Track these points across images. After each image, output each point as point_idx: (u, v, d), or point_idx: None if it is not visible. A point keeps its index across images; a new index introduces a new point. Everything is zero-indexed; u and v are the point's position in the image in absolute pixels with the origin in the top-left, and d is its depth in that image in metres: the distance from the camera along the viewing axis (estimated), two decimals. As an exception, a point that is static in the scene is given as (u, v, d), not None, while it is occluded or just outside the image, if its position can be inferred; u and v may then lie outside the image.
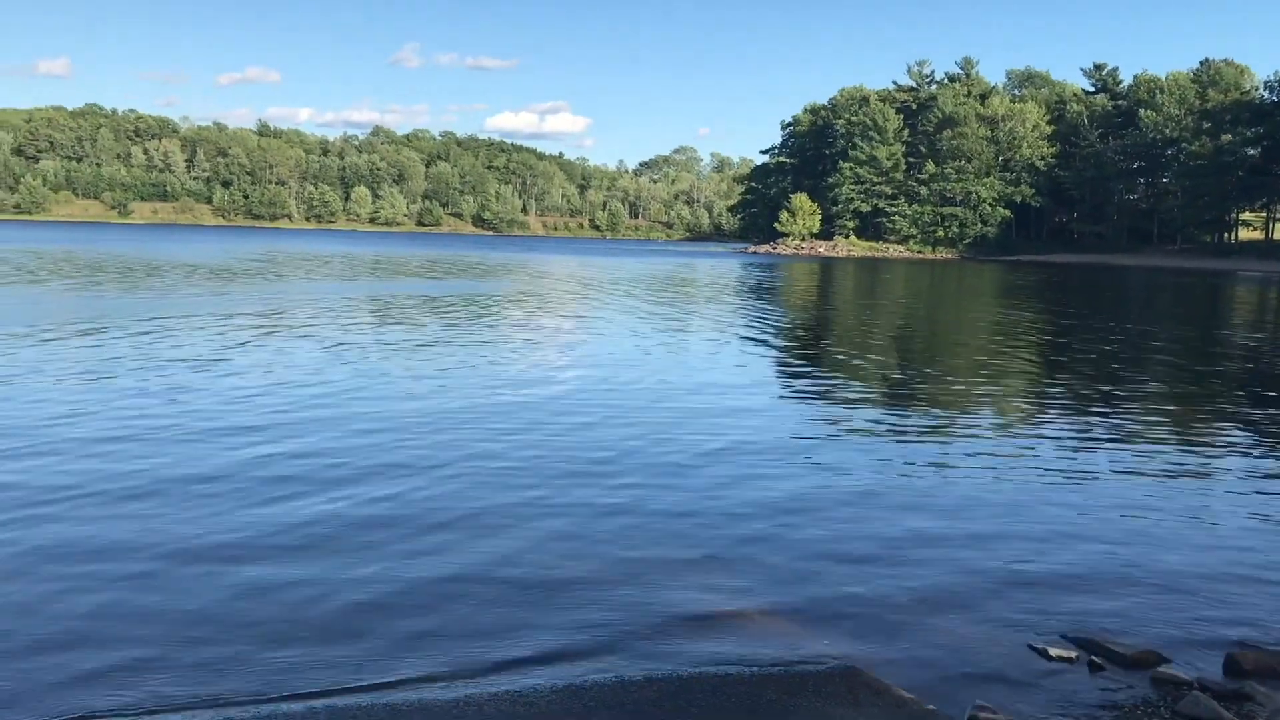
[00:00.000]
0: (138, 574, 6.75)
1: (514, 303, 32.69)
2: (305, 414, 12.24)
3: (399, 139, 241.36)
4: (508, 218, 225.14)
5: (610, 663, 5.67)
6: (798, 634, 6.11)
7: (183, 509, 8.18)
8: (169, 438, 10.68)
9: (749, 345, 22.08)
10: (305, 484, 9.02)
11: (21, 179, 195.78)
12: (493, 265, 63.39)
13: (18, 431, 10.77)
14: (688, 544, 7.69)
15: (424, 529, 7.88)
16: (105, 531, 7.56)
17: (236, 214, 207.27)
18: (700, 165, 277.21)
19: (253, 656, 5.61)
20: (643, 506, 8.65)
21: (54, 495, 8.43)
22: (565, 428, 11.92)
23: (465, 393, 14.21)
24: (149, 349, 17.79)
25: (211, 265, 50.38)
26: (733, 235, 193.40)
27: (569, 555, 7.37)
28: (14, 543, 7.27)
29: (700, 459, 10.46)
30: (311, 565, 7.01)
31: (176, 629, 5.92)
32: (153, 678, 5.34)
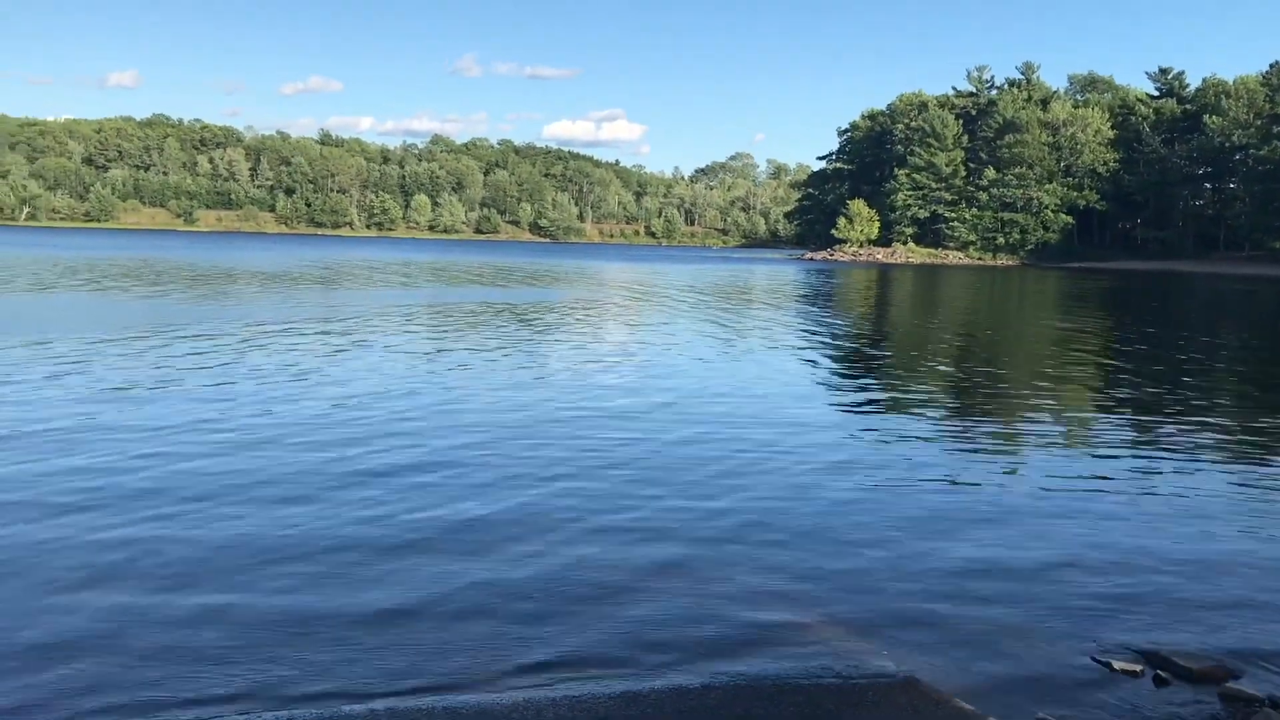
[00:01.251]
0: (279, 569, 6.95)
1: (573, 311, 32.82)
2: (390, 425, 12.42)
3: (458, 147, 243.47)
4: (564, 225, 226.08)
5: (668, 669, 5.69)
6: (857, 644, 6.09)
7: (321, 511, 8.40)
8: (297, 443, 10.98)
9: (807, 354, 21.96)
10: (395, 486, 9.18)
11: (91, 187, 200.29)
12: (551, 272, 63.70)
13: (171, 433, 11.07)
14: (746, 552, 7.69)
15: (492, 532, 7.98)
16: (250, 528, 7.78)
17: (299, 222, 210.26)
18: (756, 172, 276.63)
19: (360, 656, 5.73)
20: (702, 515, 8.65)
21: (203, 496, 8.74)
22: (621, 434, 11.96)
23: (531, 402, 14.32)
24: (243, 357, 18.18)
25: (285, 273, 51.16)
26: (789, 242, 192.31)
27: (627, 562, 7.42)
28: (195, 541, 7.51)
29: (758, 468, 10.45)
30: (406, 563, 7.17)
31: (266, 630, 6.06)
32: (233, 674, 5.46)
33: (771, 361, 20.45)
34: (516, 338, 23.07)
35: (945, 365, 20.90)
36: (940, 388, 17.60)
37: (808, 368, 19.67)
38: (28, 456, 9.93)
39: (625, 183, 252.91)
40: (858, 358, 22.43)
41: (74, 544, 7.45)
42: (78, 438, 10.81)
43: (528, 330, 25.20)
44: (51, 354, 17.47)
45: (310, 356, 18.41)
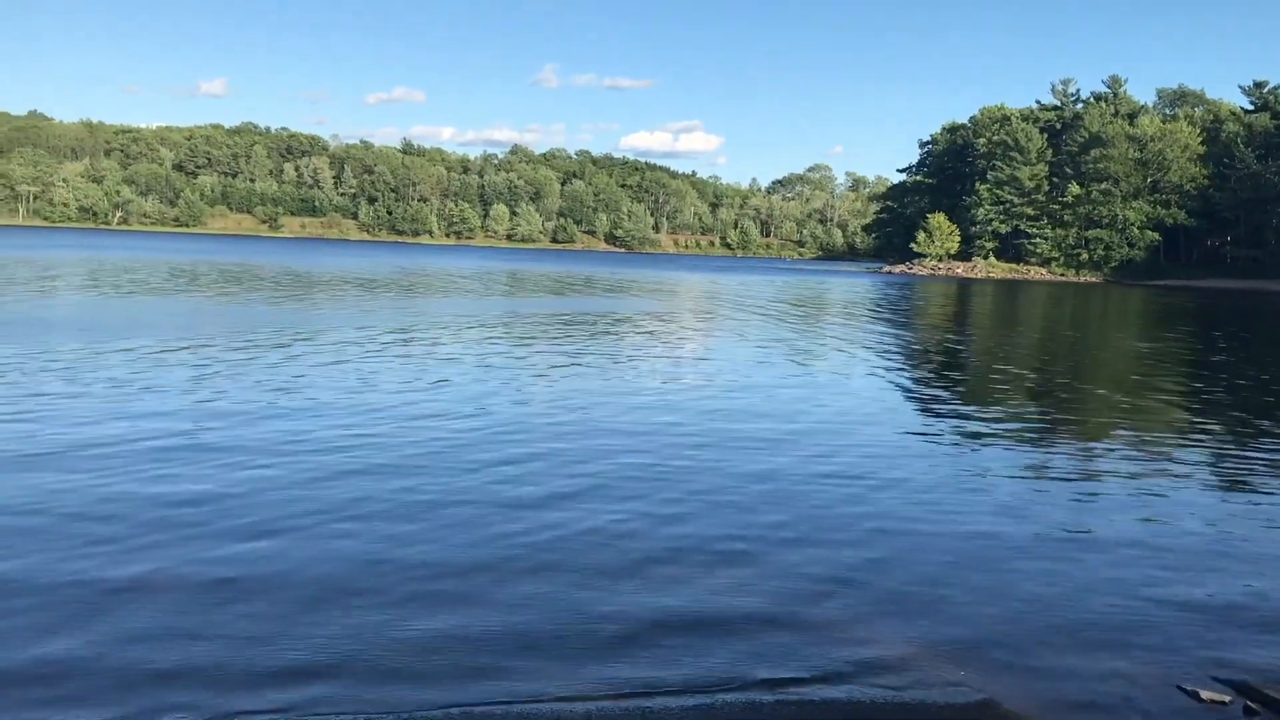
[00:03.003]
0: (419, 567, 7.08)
1: (651, 321, 32.89)
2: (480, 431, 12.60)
3: (536, 158, 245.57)
4: (639, 235, 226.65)
5: (741, 684, 5.68)
6: (934, 665, 6.03)
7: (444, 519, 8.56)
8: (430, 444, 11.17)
9: (883, 369, 21.75)
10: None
11: (181, 193, 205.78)
12: (626, 282, 63.90)
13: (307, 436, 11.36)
14: (820, 571, 7.65)
15: (592, 538, 8.07)
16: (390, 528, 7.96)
17: (380, 229, 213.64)
18: (834, 183, 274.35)
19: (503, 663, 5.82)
20: (770, 531, 8.63)
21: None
22: (690, 452, 11.97)
23: (609, 414, 14.40)
24: (353, 363, 18.60)
25: (379, 279, 52.05)
26: (867, 255, 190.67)
27: (699, 579, 7.42)
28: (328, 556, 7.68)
29: (834, 487, 10.38)
30: (526, 580, 7.26)
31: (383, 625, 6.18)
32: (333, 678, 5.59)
33: (846, 377, 20.29)
34: (589, 349, 23.16)
35: (1024, 383, 20.56)
36: (1019, 405, 17.29)
37: (883, 384, 19.47)
38: (215, 466, 10.20)
39: (701, 193, 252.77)
40: (934, 374, 22.13)
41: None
42: (236, 448, 11.03)
43: (602, 342, 25.29)
44: (207, 354, 18.01)
45: (393, 363, 18.73)
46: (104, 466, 9.73)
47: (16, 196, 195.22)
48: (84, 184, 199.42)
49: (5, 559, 7.13)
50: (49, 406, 12.81)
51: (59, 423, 11.80)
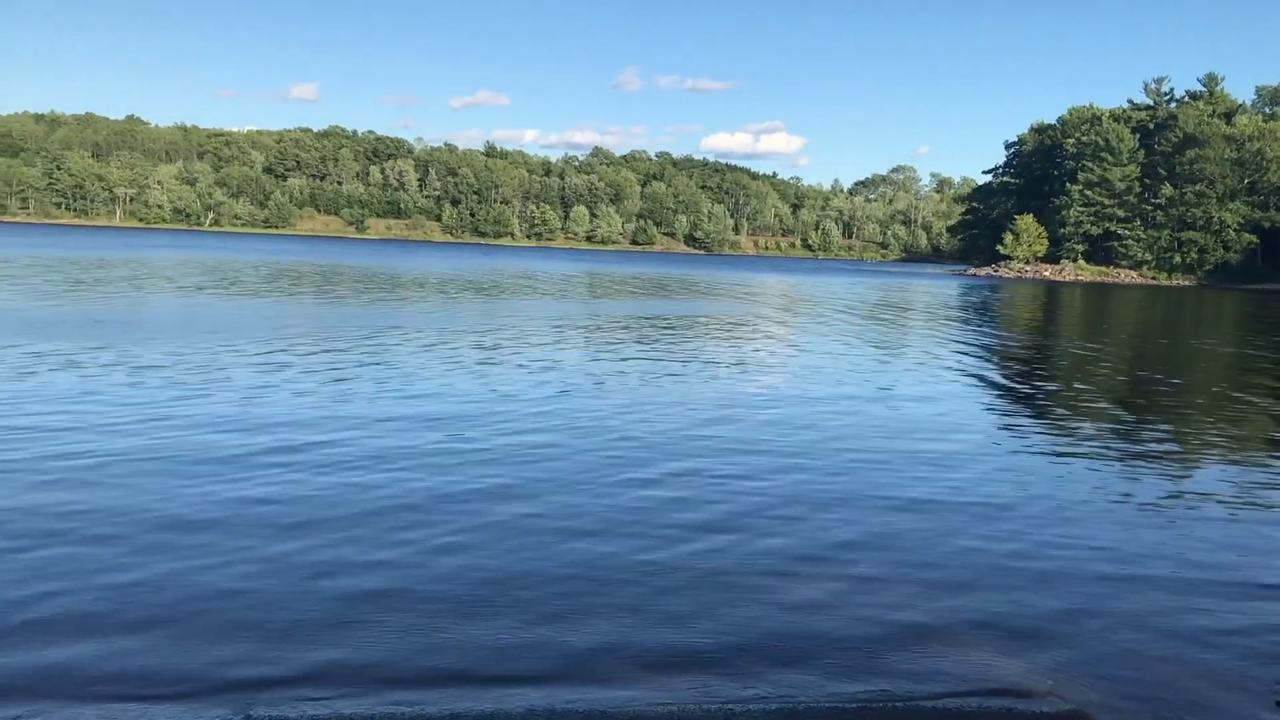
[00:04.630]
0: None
1: (727, 324, 32.79)
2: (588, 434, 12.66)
3: (617, 159, 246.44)
4: (719, 237, 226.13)
5: (824, 688, 5.61)
6: (1024, 673, 5.88)
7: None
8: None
9: (967, 374, 21.40)
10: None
11: (271, 195, 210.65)
12: (707, 284, 63.80)
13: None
14: (905, 574, 7.52)
15: (683, 535, 8.06)
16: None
17: (463, 231, 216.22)
18: (918, 185, 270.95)
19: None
20: (863, 533, 8.54)
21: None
22: (779, 457, 11.88)
23: (688, 419, 14.35)
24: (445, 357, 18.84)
25: (478, 281, 52.79)
26: (951, 257, 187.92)
27: (788, 575, 7.40)
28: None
29: (919, 486, 10.26)
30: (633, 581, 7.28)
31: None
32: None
33: (932, 381, 19.95)
34: (669, 352, 23.12)
35: (1114, 389, 20.04)
36: (1107, 410, 16.85)
37: (966, 388, 19.16)
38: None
39: (782, 195, 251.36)
40: (1022, 380, 21.64)
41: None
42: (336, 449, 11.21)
43: (681, 343, 25.25)
44: (334, 348, 18.42)
45: (507, 368, 18.93)
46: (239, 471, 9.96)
47: (114, 198, 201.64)
48: (178, 186, 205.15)
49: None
50: (248, 409, 13.11)
51: (265, 421, 12.14)
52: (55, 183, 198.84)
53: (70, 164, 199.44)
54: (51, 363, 16.24)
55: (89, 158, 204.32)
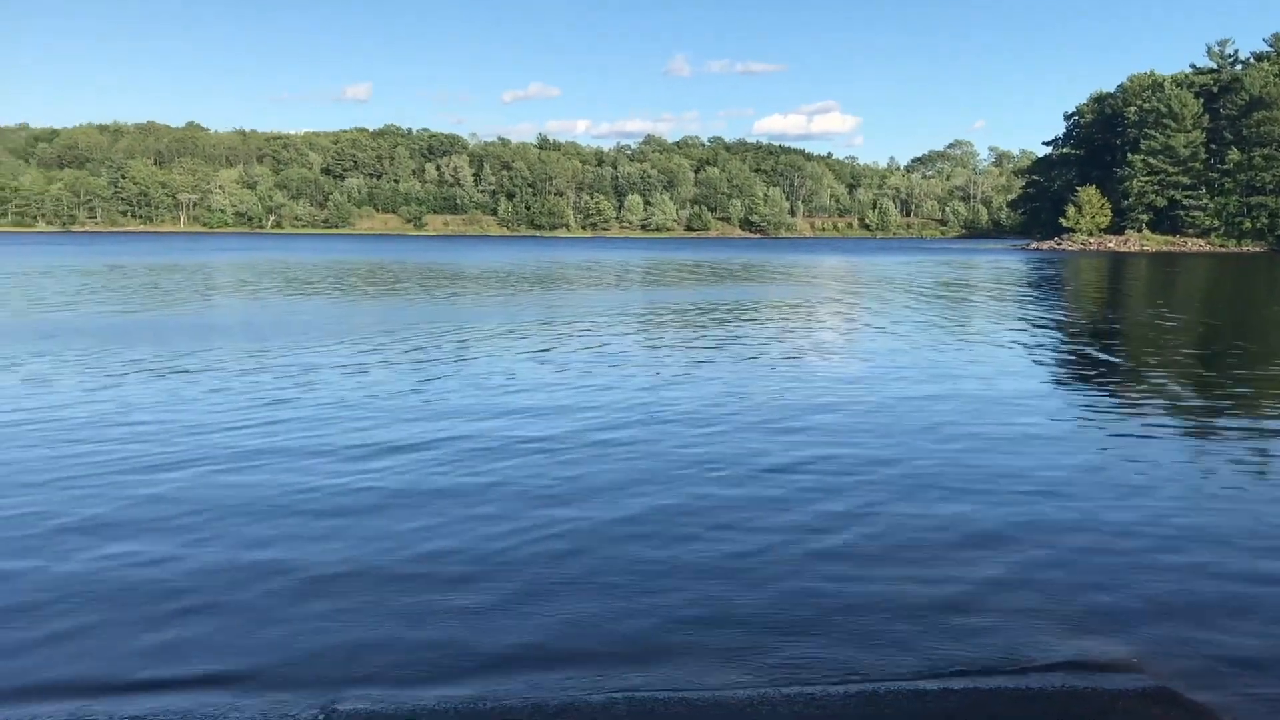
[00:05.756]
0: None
1: (797, 307, 32.63)
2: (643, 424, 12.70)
3: (669, 146, 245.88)
4: (775, 220, 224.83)
5: (904, 670, 5.60)
6: (1109, 650, 5.81)
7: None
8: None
9: (1036, 351, 21.04)
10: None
11: (330, 196, 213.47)
12: (766, 268, 63.50)
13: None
14: (989, 553, 7.45)
15: (762, 527, 8.07)
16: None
17: (519, 224, 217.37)
18: (976, 159, 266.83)
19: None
20: (943, 516, 8.42)
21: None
22: (850, 438, 11.82)
23: (764, 405, 14.31)
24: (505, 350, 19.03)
25: (533, 274, 53.16)
26: (1012, 231, 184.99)
27: (871, 558, 7.36)
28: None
29: (996, 470, 10.05)
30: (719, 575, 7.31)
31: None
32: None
33: (1008, 358, 19.56)
34: (731, 338, 23.07)
35: (1187, 363, 19.62)
36: (1181, 386, 16.50)
37: (1035, 367, 18.80)
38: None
39: (838, 175, 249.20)
40: (1091, 356, 21.25)
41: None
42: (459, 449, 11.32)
43: (753, 329, 25.18)
44: (458, 342, 18.71)
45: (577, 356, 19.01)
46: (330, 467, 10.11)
47: (178, 204, 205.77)
48: (239, 190, 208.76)
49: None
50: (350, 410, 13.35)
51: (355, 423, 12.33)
52: (120, 191, 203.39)
53: (134, 172, 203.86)
54: (153, 369, 16.65)
55: (152, 165, 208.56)
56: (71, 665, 5.56)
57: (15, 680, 5.40)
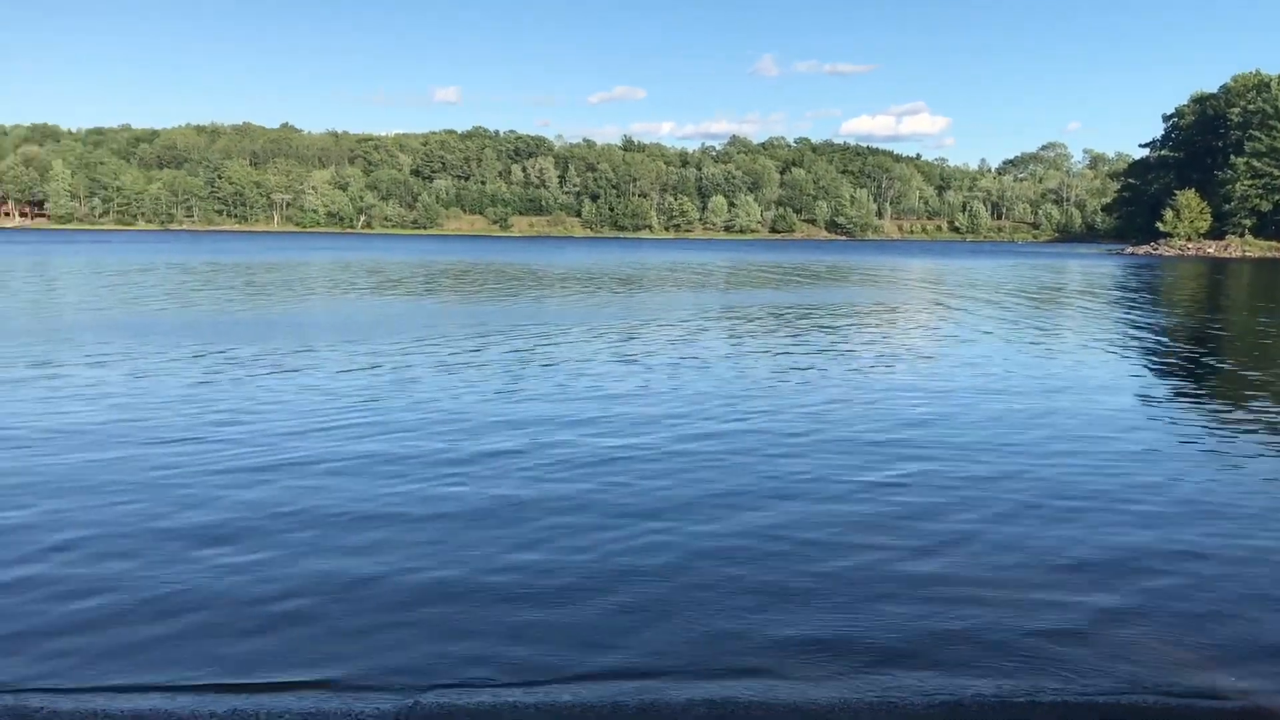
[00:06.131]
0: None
1: (873, 312, 32.26)
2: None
3: (754, 147, 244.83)
4: (861, 222, 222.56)
5: (991, 678, 5.51)
6: (1200, 668, 5.61)
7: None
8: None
9: (1137, 362, 20.43)
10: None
11: (419, 197, 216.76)
12: (854, 271, 62.90)
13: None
14: (1101, 579, 7.20)
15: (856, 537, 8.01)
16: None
17: (602, 225, 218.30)
18: (1070, 162, 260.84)
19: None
20: (1050, 539, 8.10)
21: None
22: (944, 448, 11.61)
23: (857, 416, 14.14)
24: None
25: (621, 274, 53.55)
26: (1107, 235, 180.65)
27: (975, 582, 7.18)
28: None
29: (1103, 491, 9.64)
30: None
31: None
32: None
33: (1102, 371, 18.86)
34: (821, 344, 22.86)
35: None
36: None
37: (1131, 380, 18.18)
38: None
39: (927, 177, 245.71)
40: (1195, 368, 20.53)
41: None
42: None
43: (833, 335, 24.95)
44: (610, 337, 18.96)
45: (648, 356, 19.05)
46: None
47: (272, 204, 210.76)
48: (331, 190, 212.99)
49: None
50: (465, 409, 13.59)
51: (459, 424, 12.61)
52: (217, 191, 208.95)
53: (230, 172, 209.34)
54: (251, 368, 17.05)
55: (247, 166, 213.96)
56: (158, 667, 5.67)
57: (107, 679, 5.53)
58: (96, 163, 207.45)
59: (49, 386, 14.70)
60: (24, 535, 7.76)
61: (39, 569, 7.04)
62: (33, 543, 7.57)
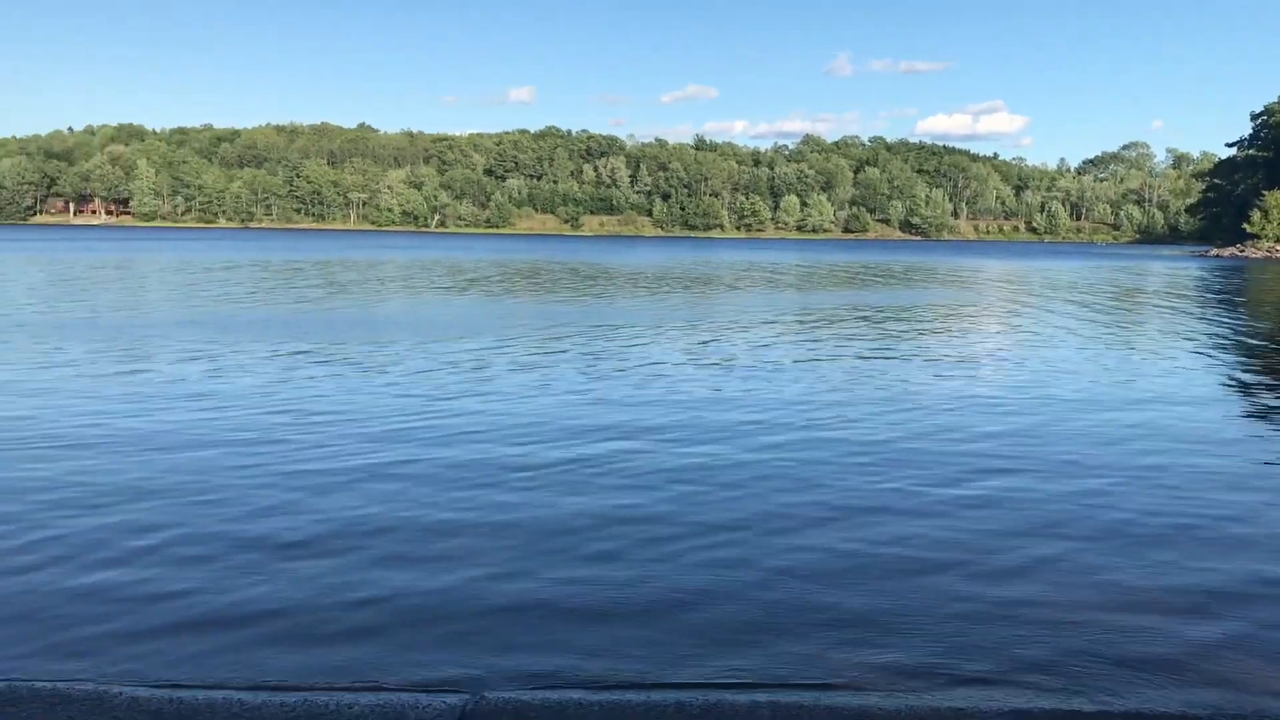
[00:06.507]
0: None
1: (960, 316, 31.77)
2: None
3: (828, 146, 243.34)
4: (936, 222, 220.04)
5: (1065, 692, 5.35)
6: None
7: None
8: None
9: (1230, 372, 19.78)
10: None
11: (492, 196, 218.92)
12: (927, 272, 62.12)
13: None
14: (1207, 605, 6.88)
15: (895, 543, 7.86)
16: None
17: (673, 225, 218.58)
18: (1153, 162, 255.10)
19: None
20: (1151, 564, 7.68)
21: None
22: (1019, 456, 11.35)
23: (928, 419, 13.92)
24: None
25: (688, 274, 53.56)
26: (1191, 237, 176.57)
27: (1043, 581, 7.05)
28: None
29: (1206, 513, 9.09)
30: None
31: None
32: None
33: (1196, 382, 18.14)
34: (901, 347, 22.58)
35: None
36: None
37: (1238, 392, 17.52)
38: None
39: (1004, 176, 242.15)
40: (1272, 373, 19.89)
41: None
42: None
43: (913, 338, 24.62)
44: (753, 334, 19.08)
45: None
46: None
47: (349, 203, 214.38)
48: (406, 190, 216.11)
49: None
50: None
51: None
52: (295, 190, 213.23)
53: (308, 172, 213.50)
54: (331, 365, 17.34)
55: (325, 165, 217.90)
56: (231, 668, 5.69)
57: (197, 671, 5.61)
58: (180, 162, 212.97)
59: (138, 382, 15.04)
60: (106, 536, 7.83)
61: (118, 571, 7.12)
62: (114, 545, 7.64)
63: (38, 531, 7.80)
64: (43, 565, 7.08)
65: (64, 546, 7.47)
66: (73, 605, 6.38)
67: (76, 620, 6.15)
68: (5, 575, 6.89)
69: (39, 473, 9.54)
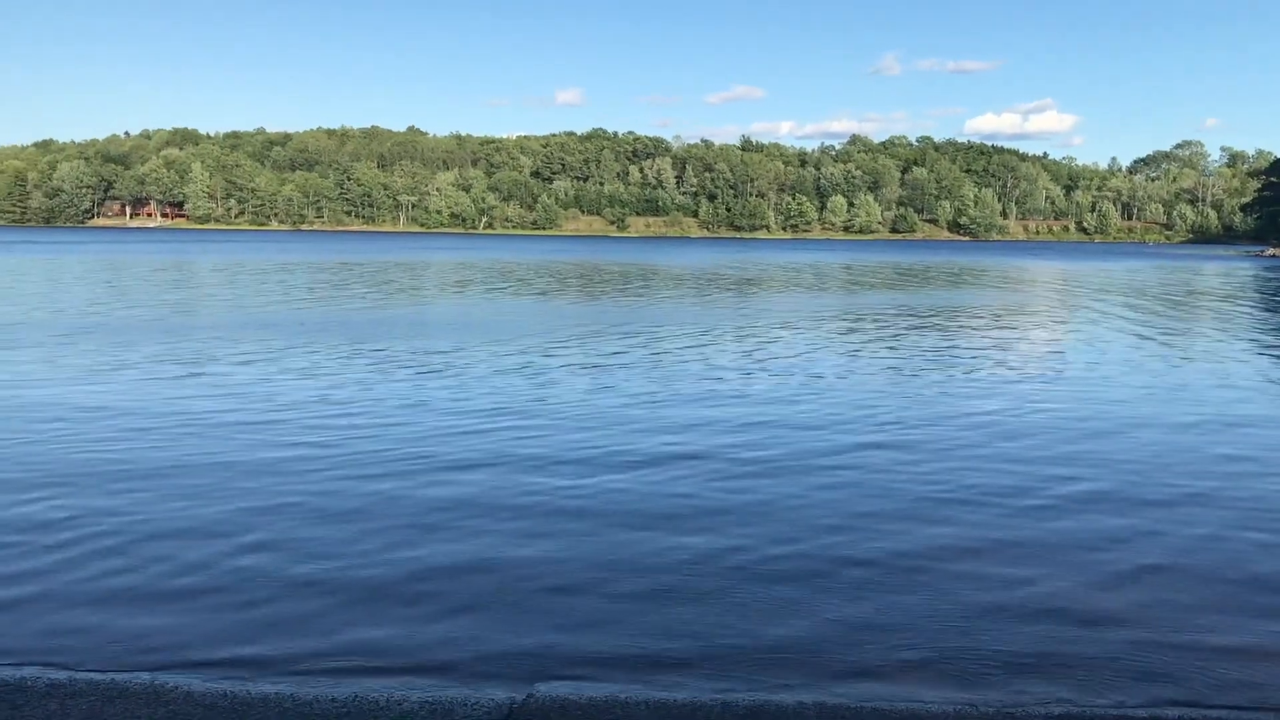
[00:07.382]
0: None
1: (1015, 317, 31.65)
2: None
3: (875, 146, 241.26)
4: (985, 222, 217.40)
5: (1110, 692, 5.48)
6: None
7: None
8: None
9: (1268, 371, 19.66)
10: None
11: (539, 198, 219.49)
12: (977, 273, 61.66)
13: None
14: (1203, 588, 7.10)
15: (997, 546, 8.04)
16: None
17: (719, 226, 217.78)
18: (1206, 160, 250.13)
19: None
20: (1211, 564, 7.68)
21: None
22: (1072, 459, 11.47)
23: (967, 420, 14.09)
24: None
25: (736, 275, 53.62)
26: (1246, 237, 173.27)
27: (1100, 586, 7.13)
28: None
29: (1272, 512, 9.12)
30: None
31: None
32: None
33: (1223, 381, 18.00)
34: (956, 349, 22.58)
35: None
36: None
37: (1265, 391, 17.36)
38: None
39: (1054, 176, 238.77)
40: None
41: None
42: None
43: (968, 340, 24.61)
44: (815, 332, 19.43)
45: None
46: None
47: (398, 205, 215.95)
48: (454, 192, 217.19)
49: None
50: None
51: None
52: (346, 192, 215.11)
53: (359, 174, 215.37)
54: (388, 366, 17.72)
55: (375, 168, 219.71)
56: (286, 654, 5.91)
57: (242, 653, 5.87)
58: (233, 165, 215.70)
59: (202, 383, 15.50)
60: (163, 529, 8.25)
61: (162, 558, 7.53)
62: (162, 536, 8.05)
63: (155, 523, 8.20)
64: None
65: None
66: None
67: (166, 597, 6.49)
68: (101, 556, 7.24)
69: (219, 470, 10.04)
